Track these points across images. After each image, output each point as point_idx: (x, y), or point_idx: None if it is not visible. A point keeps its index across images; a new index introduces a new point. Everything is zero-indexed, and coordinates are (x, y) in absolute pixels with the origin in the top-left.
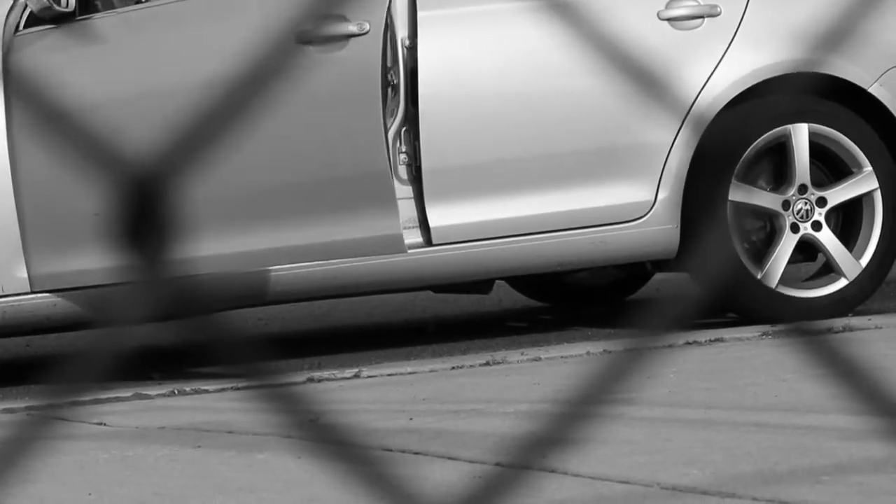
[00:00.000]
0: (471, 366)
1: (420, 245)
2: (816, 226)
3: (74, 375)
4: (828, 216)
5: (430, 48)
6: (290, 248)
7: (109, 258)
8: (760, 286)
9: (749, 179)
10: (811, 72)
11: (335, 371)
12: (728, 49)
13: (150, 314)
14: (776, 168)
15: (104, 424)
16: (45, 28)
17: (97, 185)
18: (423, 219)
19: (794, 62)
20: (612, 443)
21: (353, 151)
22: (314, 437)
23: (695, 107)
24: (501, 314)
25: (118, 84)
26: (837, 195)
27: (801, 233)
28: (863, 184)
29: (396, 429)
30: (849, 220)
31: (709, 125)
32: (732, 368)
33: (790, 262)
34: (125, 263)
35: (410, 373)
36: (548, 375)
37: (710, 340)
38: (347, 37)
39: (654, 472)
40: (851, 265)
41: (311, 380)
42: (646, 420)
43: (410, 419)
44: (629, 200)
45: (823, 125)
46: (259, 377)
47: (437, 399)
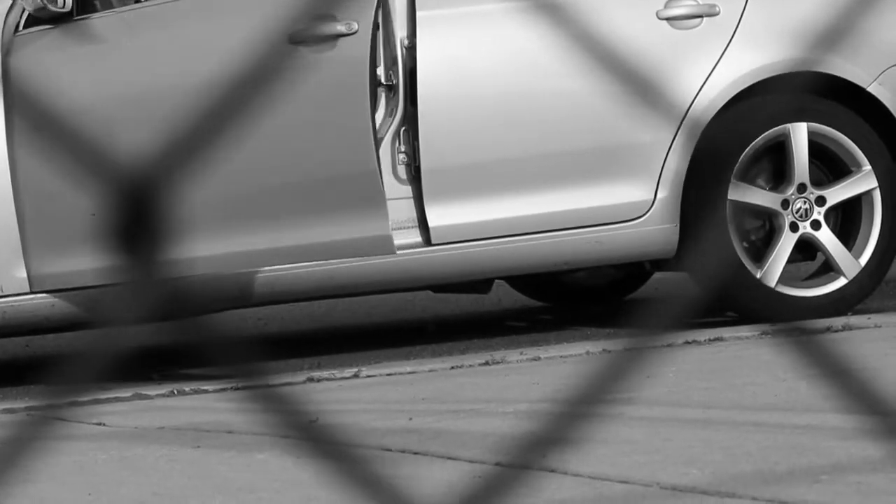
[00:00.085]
0: (470, 365)
1: (419, 245)
2: (815, 225)
3: (74, 376)
4: (827, 215)
5: (429, 48)
6: (279, 249)
7: (107, 258)
8: (760, 285)
9: (748, 179)
10: (810, 71)
11: (335, 371)
12: (727, 48)
13: (146, 315)
14: (775, 167)
15: (103, 424)
16: (45, 28)
17: (91, 186)
18: (423, 218)
19: (793, 61)
20: (612, 442)
21: (342, 152)
22: (313, 438)
23: (693, 106)
24: (501, 314)
25: (114, 84)
26: (836, 194)
27: (801, 232)
28: (862, 183)
29: (396, 428)
30: (848, 219)
31: (708, 124)
32: (732, 368)
33: (789, 262)
34: (117, 264)
35: (410, 372)
36: (547, 375)
37: (710, 340)
38: (336, 37)
39: (654, 472)
40: (851, 264)
41: (311, 379)
42: (645, 419)
43: (410, 419)
44: (628, 200)
45: (822, 124)
46: (251, 378)
47: (437, 399)
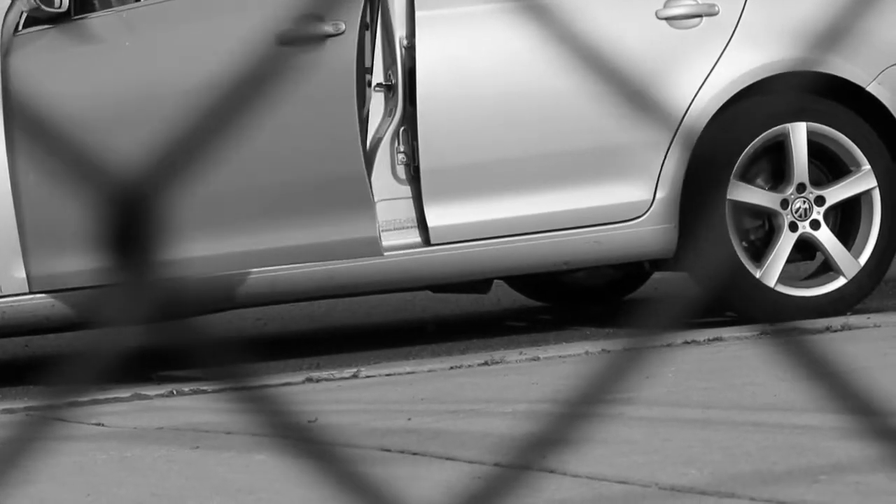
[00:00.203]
0: (469, 365)
1: (418, 245)
2: (815, 224)
3: (73, 376)
4: (826, 215)
5: (429, 48)
6: (266, 251)
7: (101, 259)
8: (759, 285)
9: (747, 178)
10: (809, 70)
11: (334, 371)
12: (726, 48)
13: (139, 316)
14: (775, 167)
15: (102, 425)
16: (43, 28)
17: (84, 188)
18: (422, 218)
19: (793, 61)
20: (611, 443)
21: (330, 153)
22: (312, 438)
23: (693, 106)
24: (500, 314)
25: (110, 83)
26: (836, 194)
27: (800, 231)
28: (861, 182)
29: (395, 429)
30: (847, 219)
31: (707, 124)
32: (731, 367)
33: (789, 261)
34: (109, 265)
35: (409, 373)
36: (546, 375)
37: (709, 339)
38: (324, 37)
39: (653, 472)
40: (850, 264)
41: (310, 380)
42: (644, 420)
43: (409, 419)
44: (627, 200)
45: (822, 124)
46: (240, 380)
47: (436, 399)
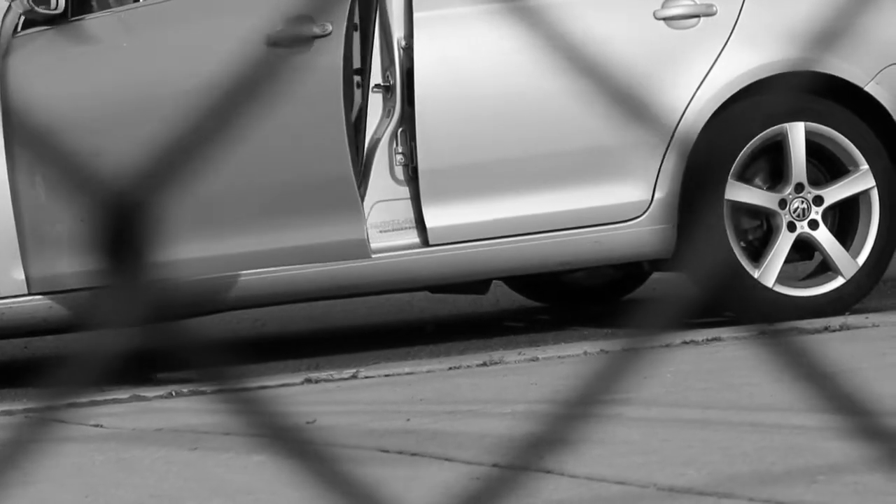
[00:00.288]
0: (468, 366)
1: (417, 245)
2: (813, 224)
3: (72, 377)
4: (824, 215)
5: (427, 49)
6: (254, 253)
7: (92, 261)
8: (757, 285)
9: (746, 178)
10: (807, 70)
11: (333, 372)
12: (724, 48)
13: (131, 318)
14: (773, 167)
15: (101, 426)
16: (41, 29)
17: (76, 192)
18: (420, 219)
19: (791, 61)
20: (609, 443)
21: (316, 155)
22: (311, 439)
23: (691, 106)
24: (499, 314)
25: (106, 84)
26: (834, 194)
27: (798, 231)
28: (859, 182)
29: (394, 429)
30: (845, 219)
31: (705, 125)
32: (729, 368)
33: (787, 261)
34: (101, 267)
35: (408, 373)
36: (545, 375)
37: (708, 340)
38: (311, 39)
39: (651, 473)
40: (848, 263)
41: (309, 380)
42: (643, 420)
43: (408, 420)
44: (626, 200)
45: (820, 124)
46: (230, 383)
47: (435, 400)
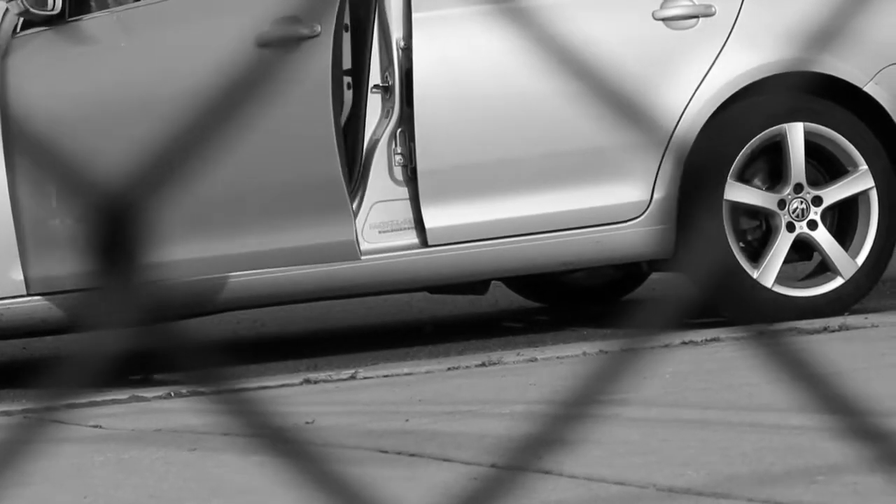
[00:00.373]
0: (467, 366)
1: (416, 246)
2: (812, 225)
3: (70, 378)
4: (823, 215)
5: (425, 49)
6: (243, 255)
7: (84, 263)
8: (756, 285)
9: (745, 179)
10: (807, 71)
11: (332, 372)
12: (723, 48)
13: (126, 319)
14: (772, 167)
15: (100, 427)
16: (40, 30)
17: (75, 194)
18: (419, 220)
19: (790, 61)
20: (608, 443)
21: (306, 157)
22: (310, 440)
23: (690, 106)
24: (498, 315)
25: (103, 84)
26: (833, 194)
27: (797, 232)
28: (858, 182)
29: (392, 430)
30: (844, 219)
31: (704, 125)
32: (728, 368)
33: (786, 262)
34: (94, 268)
35: (407, 374)
36: (544, 376)
37: (707, 340)
38: (299, 40)
39: (650, 473)
40: (847, 264)
41: (308, 381)
42: (642, 420)
43: (406, 420)
44: (625, 200)
45: (819, 124)
46: (222, 384)
47: (434, 400)
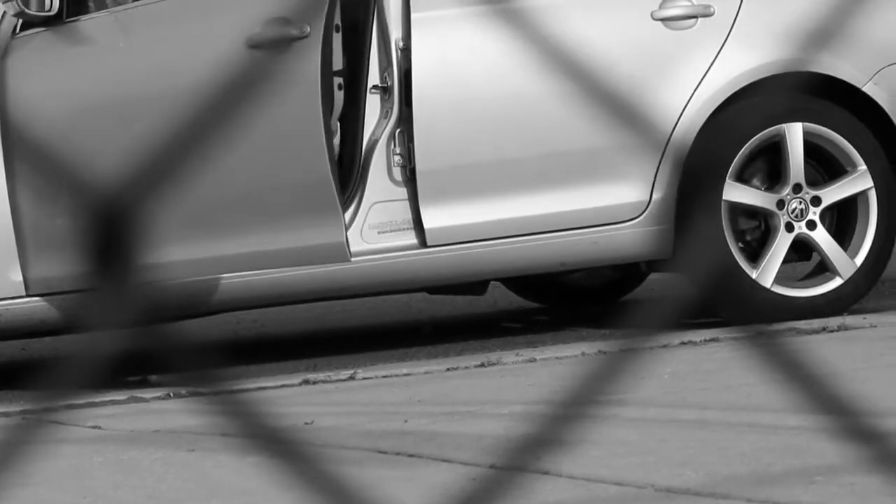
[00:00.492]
0: (466, 367)
1: (415, 247)
2: (811, 225)
3: (69, 379)
4: (822, 215)
5: (424, 50)
6: (234, 256)
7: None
8: (755, 285)
9: (743, 179)
10: (805, 71)
11: (331, 373)
12: (722, 48)
13: (120, 320)
14: (771, 167)
15: (99, 428)
16: (39, 31)
17: (72, 195)
18: (418, 220)
19: (789, 61)
20: (607, 444)
21: (296, 158)
22: (309, 440)
23: (689, 107)
24: (496, 315)
25: (100, 84)
26: (832, 194)
27: (796, 232)
28: (857, 182)
29: (391, 431)
30: (843, 219)
31: (703, 125)
32: (727, 368)
33: (785, 262)
34: (90, 269)
35: (406, 374)
36: (543, 376)
37: (706, 340)
38: (289, 41)
39: (649, 473)
40: (846, 264)
41: (307, 381)
42: (640, 421)
43: (405, 421)
44: (624, 201)
45: (818, 124)
46: (218, 385)
47: (433, 401)
